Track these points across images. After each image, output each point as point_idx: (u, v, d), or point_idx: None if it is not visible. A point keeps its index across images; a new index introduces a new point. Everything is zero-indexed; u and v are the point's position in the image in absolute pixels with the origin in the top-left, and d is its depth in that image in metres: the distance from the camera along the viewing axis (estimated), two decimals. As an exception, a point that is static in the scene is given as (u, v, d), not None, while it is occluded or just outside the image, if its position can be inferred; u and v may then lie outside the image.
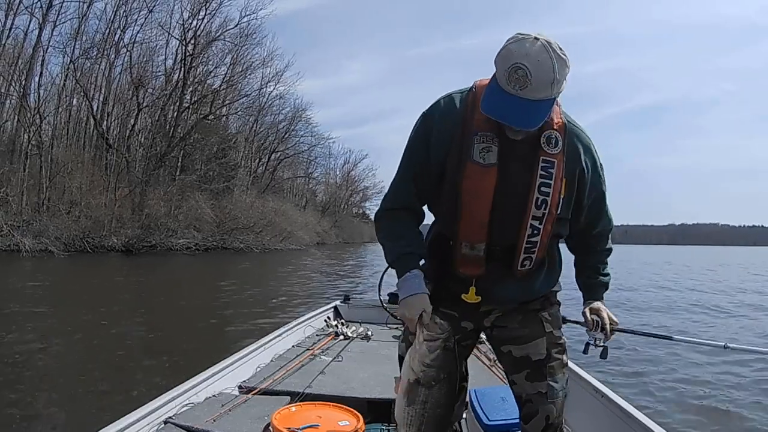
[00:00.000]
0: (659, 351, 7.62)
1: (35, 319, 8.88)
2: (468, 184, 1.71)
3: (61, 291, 13.78)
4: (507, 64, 1.52)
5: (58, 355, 6.73)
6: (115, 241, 27.50)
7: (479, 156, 1.69)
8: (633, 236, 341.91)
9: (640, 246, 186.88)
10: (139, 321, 9.47)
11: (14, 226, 23.20)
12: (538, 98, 1.53)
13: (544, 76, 1.50)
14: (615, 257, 2.13)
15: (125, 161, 32.07)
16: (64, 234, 24.91)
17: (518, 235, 1.76)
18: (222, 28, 36.96)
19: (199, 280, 19.18)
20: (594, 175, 1.84)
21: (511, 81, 1.51)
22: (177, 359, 6.52)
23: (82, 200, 27.38)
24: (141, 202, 30.56)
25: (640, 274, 27.34)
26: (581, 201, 1.84)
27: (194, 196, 33.76)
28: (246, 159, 46.81)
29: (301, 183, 62.31)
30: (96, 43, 31.27)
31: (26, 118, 26.98)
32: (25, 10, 27.46)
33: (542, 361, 1.87)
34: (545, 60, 1.49)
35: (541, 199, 1.71)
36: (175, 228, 31.28)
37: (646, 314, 12.48)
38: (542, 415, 1.84)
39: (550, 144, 1.72)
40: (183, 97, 35.75)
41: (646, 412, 2.81)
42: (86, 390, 5.19)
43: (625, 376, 6.46)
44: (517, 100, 1.53)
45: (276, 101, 47.43)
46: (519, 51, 1.50)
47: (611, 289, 2.12)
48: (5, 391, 4.96)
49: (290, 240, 41.90)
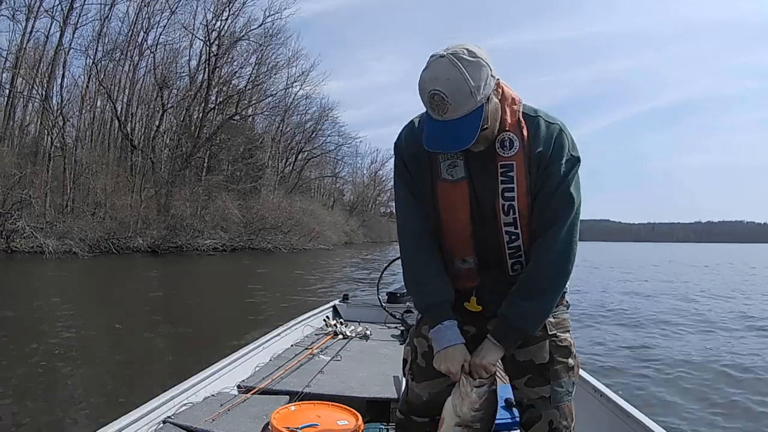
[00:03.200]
0: (659, 350, 7.71)
1: (55, 318, 8.72)
2: (443, 202, 1.71)
3: (83, 291, 13.49)
4: (424, 95, 1.50)
5: (75, 354, 6.51)
6: (141, 242, 26.66)
7: (447, 173, 1.69)
8: (660, 233, 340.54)
9: (671, 244, 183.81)
10: (158, 321, 9.13)
11: (37, 227, 22.38)
12: (466, 112, 1.49)
13: (459, 92, 1.46)
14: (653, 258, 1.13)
15: (150, 162, 31.27)
16: (89, 235, 24.10)
17: (499, 243, 1.71)
18: (246, 28, 36.02)
19: (225, 280, 18.66)
20: (551, 162, 1.64)
21: (433, 109, 1.50)
22: (193, 360, 5.77)
23: (106, 201, 26.69)
24: (167, 202, 29.69)
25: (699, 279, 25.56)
26: (536, 187, 1.66)
27: (221, 197, 32.88)
28: (273, 159, 45.99)
29: (329, 182, 61.50)
30: (119, 45, 30.66)
31: (49, 120, 26.30)
32: (46, 13, 26.86)
33: (545, 365, 1.77)
34: (455, 75, 1.45)
35: (507, 205, 1.66)
36: (201, 228, 30.39)
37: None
38: (545, 420, 1.75)
39: (504, 147, 1.65)
40: (208, 98, 34.93)
41: (645, 411, 2.69)
42: (97, 392, 5.08)
43: (625, 375, 6.42)
44: (447, 125, 1.51)
45: (302, 101, 46.69)
46: (430, 77, 1.48)
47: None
48: (23, 394, 4.90)
49: (318, 240, 40.97)
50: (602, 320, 10.61)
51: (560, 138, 1.65)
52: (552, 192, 1.63)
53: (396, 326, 5.23)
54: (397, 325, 5.24)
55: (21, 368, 5.70)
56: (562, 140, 1.65)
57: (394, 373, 3.49)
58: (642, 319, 10.90)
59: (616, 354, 7.51)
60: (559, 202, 1.64)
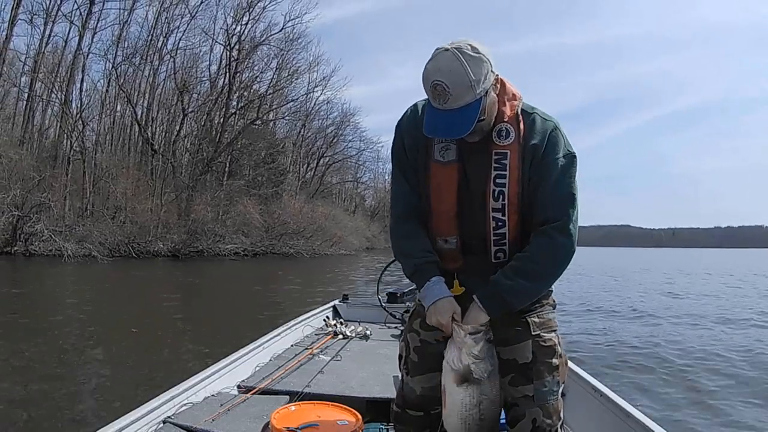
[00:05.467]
0: (658, 349, 7.75)
1: (70, 320, 8.72)
2: (433, 181, 1.76)
3: (101, 294, 13.11)
4: (427, 84, 1.56)
5: (86, 356, 6.45)
6: (161, 246, 25.85)
7: (440, 155, 1.74)
8: (681, 239, 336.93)
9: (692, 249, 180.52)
10: (175, 324, 9.02)
11: (56, 231, 21.72)
12: (465, 103, 1.55)
13: (460, 83, 1.53)
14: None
15: (171, 166, 30.58)
16: (109, 239, 23.42)
17: (485, 229, 1.74)
18: (266, 32, 35.28)
19: (245, 284, 18.02)
20: (546, 156, 1.69)
21: (435, 98, 1.57)
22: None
23: (127, 205, 26.04)
24: (187, 207, 28.90)
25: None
26: (530, 179, 1.71)
27: (242, 201, 32.07)
28: (294, 164, 45.23)
29: (350, 188, 60.47)
30: (138, 50, 30.06)
31: (68, 124, 25.70)
32: (64, 17, 26.34)
33: (528, 365, 1.79)
34: (457, 68, 1.52)
35: (498, 191, 1.70)
36: (222, 233, 29.52)
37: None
38: (529, 418, 1.77)
39: (501, 136, 1.71)
40: (229, 103, 34.20)
41: (644, 410, 2.67)
42: (107, 393, 5.04)
43: (624, 374, 6.50)
44: (447, 114, 1.57)
45: (323, 106, 45.81)
46: (433, 68, 1.55)
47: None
48: (33, 394, 4.87)
49: (340, 245, 39.99)
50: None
51: (555, 134, 1.71)
52: (554, 187, 1.67)
53: (396, 326, 5.16)
54: (397, 325, 5.17)
55: (32, 369, 5.67)
56: (556, 136, 1.71)
57: (394, 373, 3.30)
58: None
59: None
60: (563, 199, 1.68)
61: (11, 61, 25.32)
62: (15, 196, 21.27)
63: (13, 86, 25.69)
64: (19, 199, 21.41)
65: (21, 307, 9.91)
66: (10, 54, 24.96)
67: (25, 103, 25.54)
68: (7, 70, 24.88)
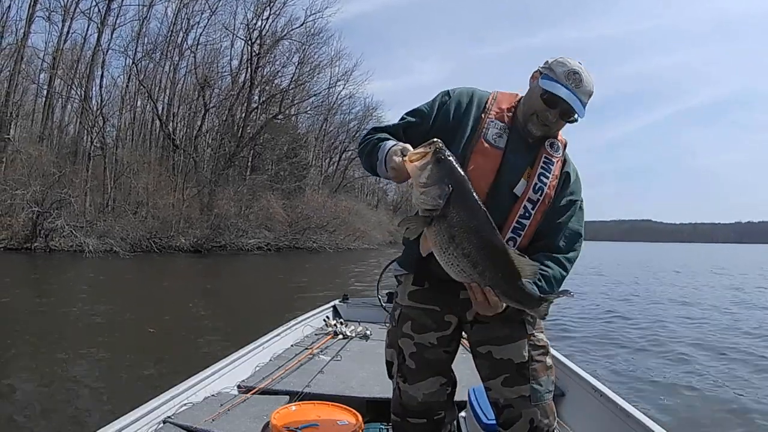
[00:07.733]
0: (658, 349, 7.42)
1: (89, 315, 8.60)
2: (476, 158, 1.74)
3: (121, 289, 12.87)
4: (566, 68, 1.71)
5: (100, 352, 6.24)
6: (183, 241, 25.03)
7: (492, 138, 1.77)
8: (701, 233, 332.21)
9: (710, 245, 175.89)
10: (196, 320, 8.76)
11: (77, 226, 21.00)
12: (583, 97, 1.71)
13: (589, 85, 1.72)
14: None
15: (193, 161, 29.75)
16: (130, 234, 22.64)
17: (507, 218, 1.74)
18: (288, 27, 34.33)
19: (269, 279, 17.61)
20: (573, 194, 1.85)
21: (569, 79, 1.69)
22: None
23: (148, 200, 25.28)
24: (210, 202, 28.03)
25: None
26: (553, 203, 1.82)
27: (265, 196, 31.14)
28: (317, 158, 44.21)
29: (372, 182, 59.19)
30: (158, 45, 29.33)
31: (88, 120, 24.99)
32: (82, 14, 25.63)
33: (524, 364, 1.78)
34: (588, 77, 1.72)
35: (539, 186, 1.75)
36: (245, 228, 28.61)
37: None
38: (525, 419, 1.74)
39: (553, 148, 1.82)
40: (251, 97, 33.38)
41: (644, 410, 2.66)
42: (116, 391, 4.81)
43: (624, 373, 6.19)
44: (574, 93, 1.69)
45: (345, 100, 44.57)
46: (573, 63, 1.72)
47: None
48: (41, 390, 4.77)
49: (363, 239, 38.96)
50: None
51: (579, 177, 1.90)
52: (573, 222, 1.84)
53: None
54: None
55: (42, 368, 5.56)
56: (580, 180, 1.90)
57: None
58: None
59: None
60: (576, 237, 1.85)
61: (29, 58, 24.75)
62: (35, 192, 20.64)
63: (32, 83, 25.12)
64: (39, 195, 20.75)
65: (36, 304, 9.64)
66: (28, 51, 24.40)
67: (45, 99, 24.89)
68: (25, 68, 24.26)
